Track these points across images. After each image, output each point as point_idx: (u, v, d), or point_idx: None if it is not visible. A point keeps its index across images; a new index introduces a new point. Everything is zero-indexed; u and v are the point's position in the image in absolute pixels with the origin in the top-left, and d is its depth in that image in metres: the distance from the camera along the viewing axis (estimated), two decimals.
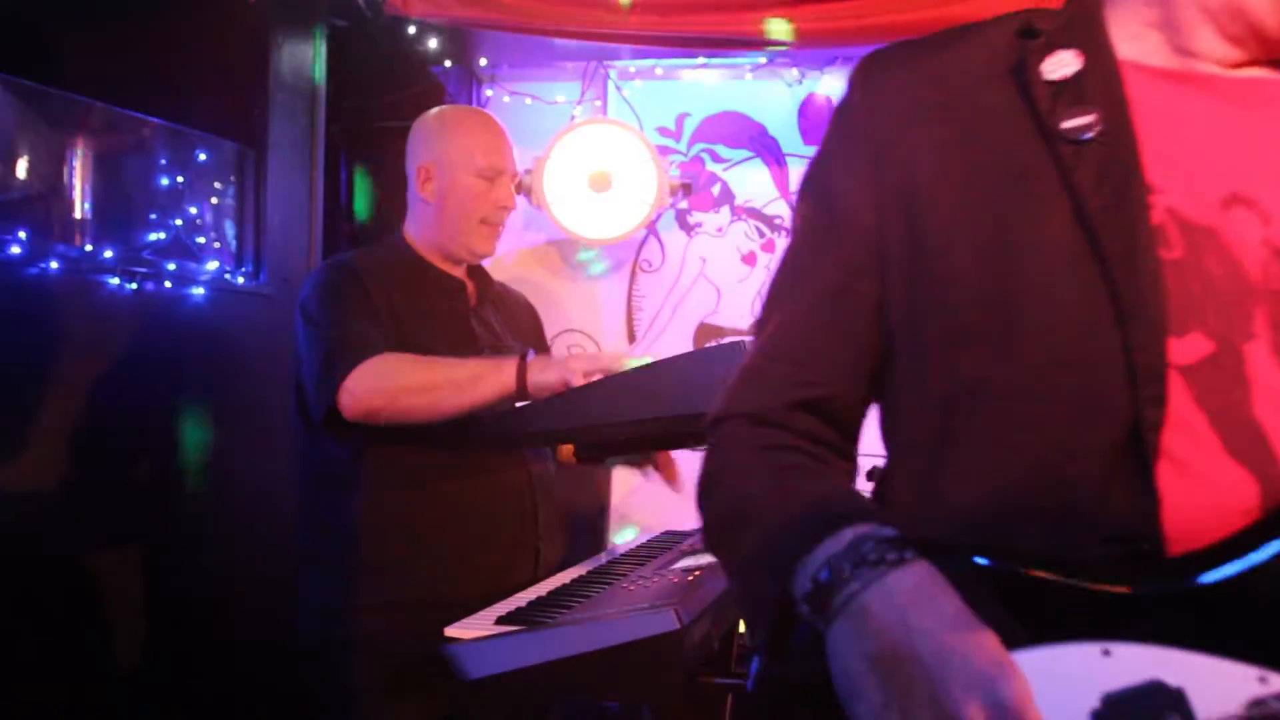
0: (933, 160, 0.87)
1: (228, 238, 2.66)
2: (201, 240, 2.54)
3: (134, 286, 2.28)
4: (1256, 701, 0.68)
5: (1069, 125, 0.82)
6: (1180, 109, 0.85)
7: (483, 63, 3.37)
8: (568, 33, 2.85)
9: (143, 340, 2.33)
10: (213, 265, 2.54)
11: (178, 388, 2.39)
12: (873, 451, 1.00)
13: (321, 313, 1.90)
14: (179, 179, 2.50)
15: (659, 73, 3.44)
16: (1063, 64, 0.85)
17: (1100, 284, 0.79)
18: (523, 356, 1.86)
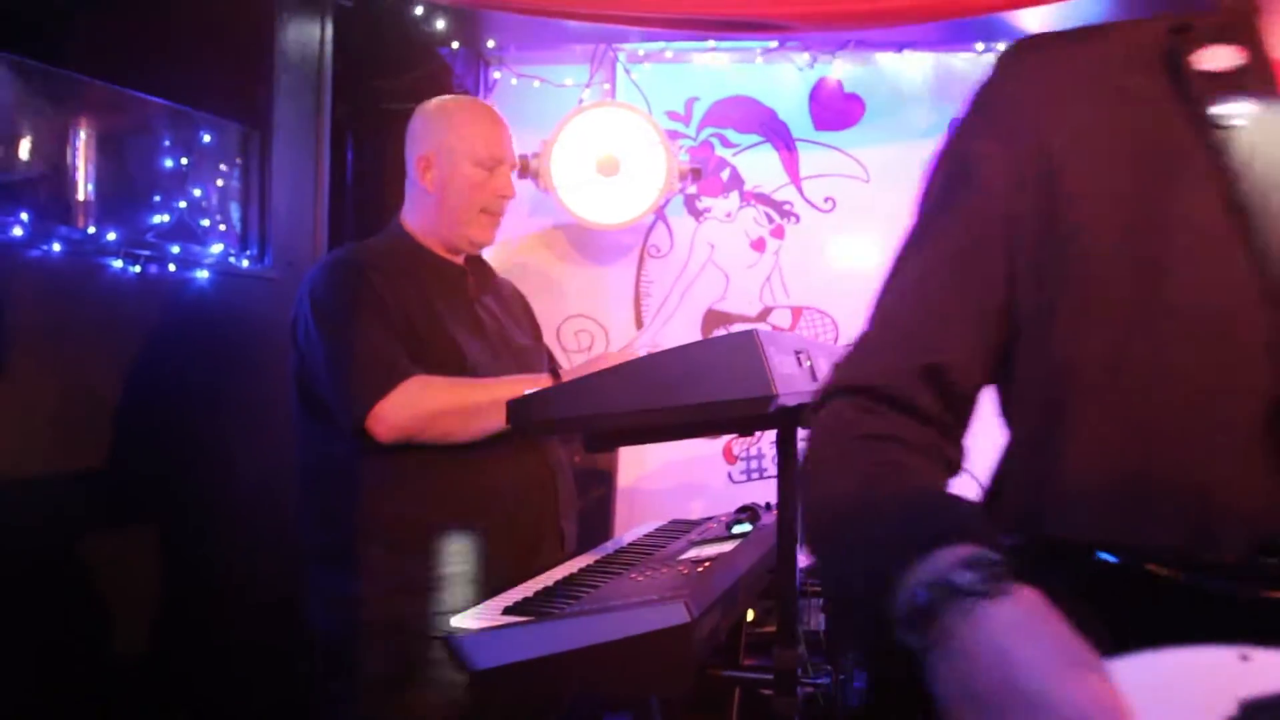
0: (1074, 137, 0.88)
1: (232, 220, 2.64)
2: (206, 223, 2.52)
3: (137, 269, 2.26)
4: None
5: (1222, 110, 0.84)
6: None
7: (490, 44, 3.33)
8: (576, 14, 2.81)
9: (146, 324, 2.31)
10: (217, 248, 2.52)
11: (182, 372, 2.37)
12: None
13: (339, 322, 1.90)
14: (183, 160, 2.47)
15: (668, 56, 3.40)
16: (1220, 58, 0.87)
17: (1248, 265, 0.79)
18: (553, 371, 1.90)
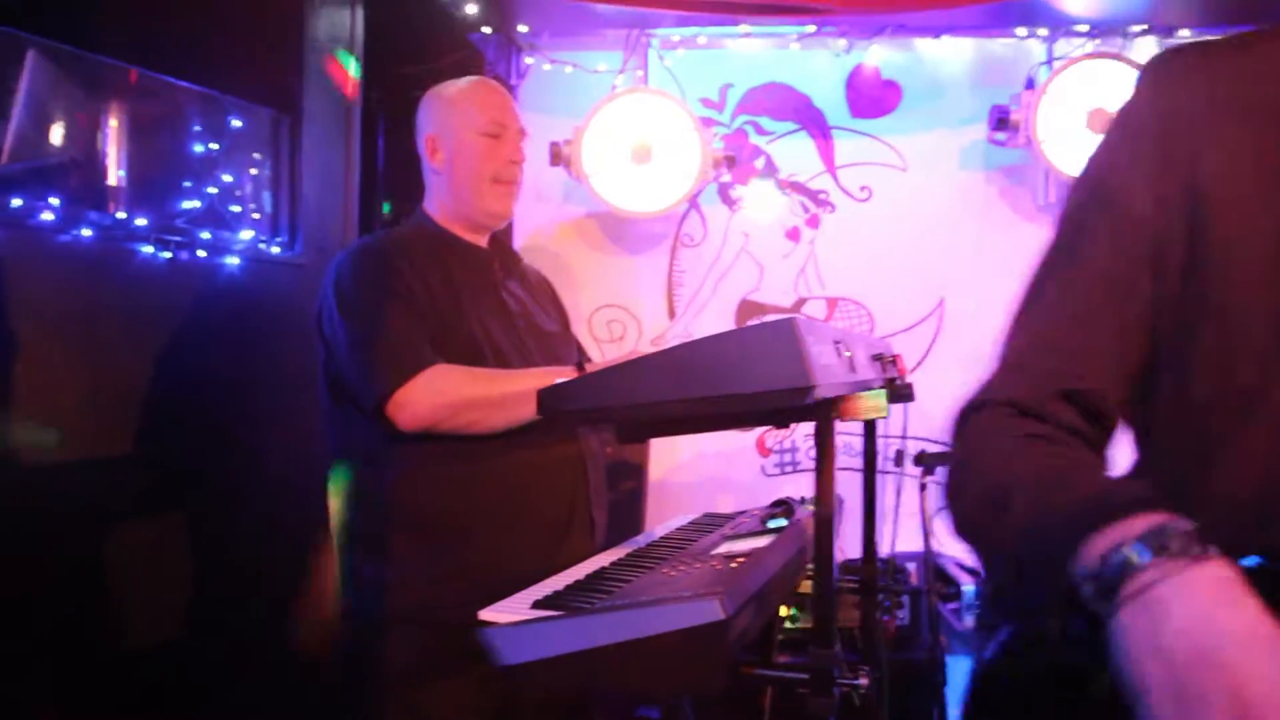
0: (1224, 161, 0.86)
1: (263, 206, 2.63)
2: (236, 209, 2.51)
3: (168, 255, 2.25)
4: None
5: None
6: None
7: (522, 29, 3.30)
8: None
9: (176, 310, 2.31)
10: (247, 234, 2.50)
11: (211, 358, 2.37)
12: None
13: (362, 309, 1.89)
14: (214, 146, 2.46)
15: (702, 42, 3.35)
16: None
17: None
18: (579, 365, 1.87)
